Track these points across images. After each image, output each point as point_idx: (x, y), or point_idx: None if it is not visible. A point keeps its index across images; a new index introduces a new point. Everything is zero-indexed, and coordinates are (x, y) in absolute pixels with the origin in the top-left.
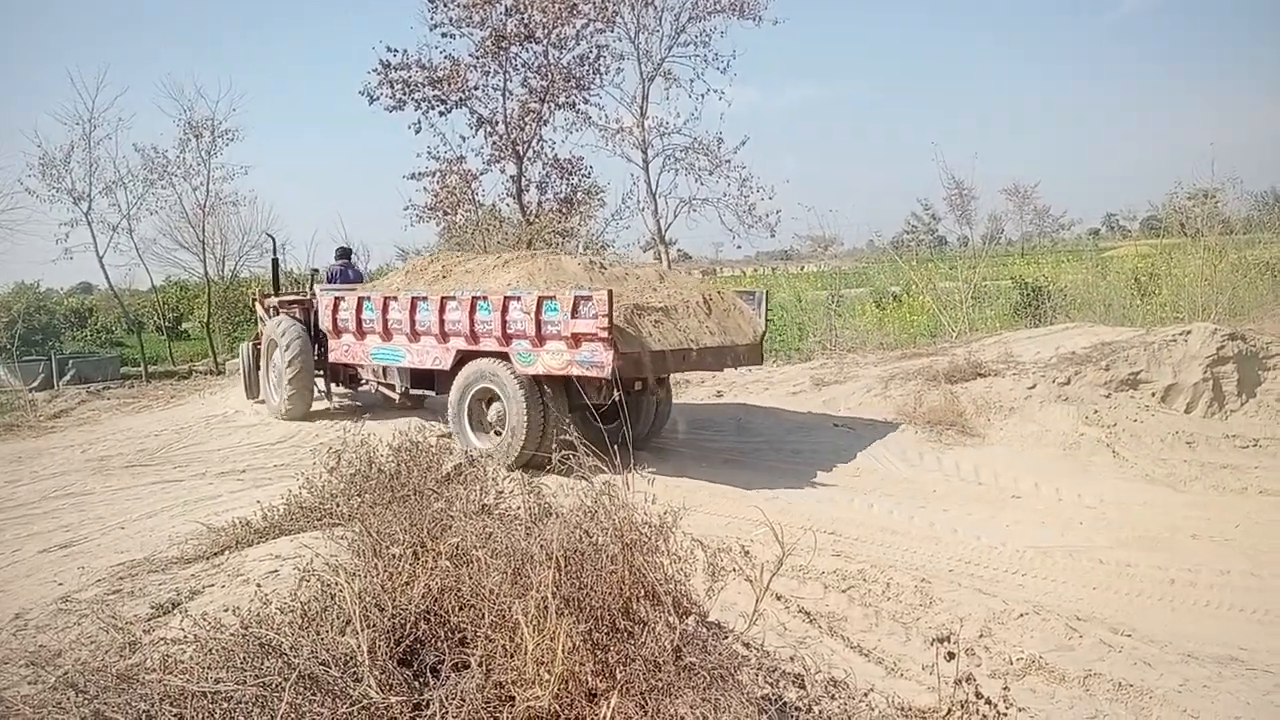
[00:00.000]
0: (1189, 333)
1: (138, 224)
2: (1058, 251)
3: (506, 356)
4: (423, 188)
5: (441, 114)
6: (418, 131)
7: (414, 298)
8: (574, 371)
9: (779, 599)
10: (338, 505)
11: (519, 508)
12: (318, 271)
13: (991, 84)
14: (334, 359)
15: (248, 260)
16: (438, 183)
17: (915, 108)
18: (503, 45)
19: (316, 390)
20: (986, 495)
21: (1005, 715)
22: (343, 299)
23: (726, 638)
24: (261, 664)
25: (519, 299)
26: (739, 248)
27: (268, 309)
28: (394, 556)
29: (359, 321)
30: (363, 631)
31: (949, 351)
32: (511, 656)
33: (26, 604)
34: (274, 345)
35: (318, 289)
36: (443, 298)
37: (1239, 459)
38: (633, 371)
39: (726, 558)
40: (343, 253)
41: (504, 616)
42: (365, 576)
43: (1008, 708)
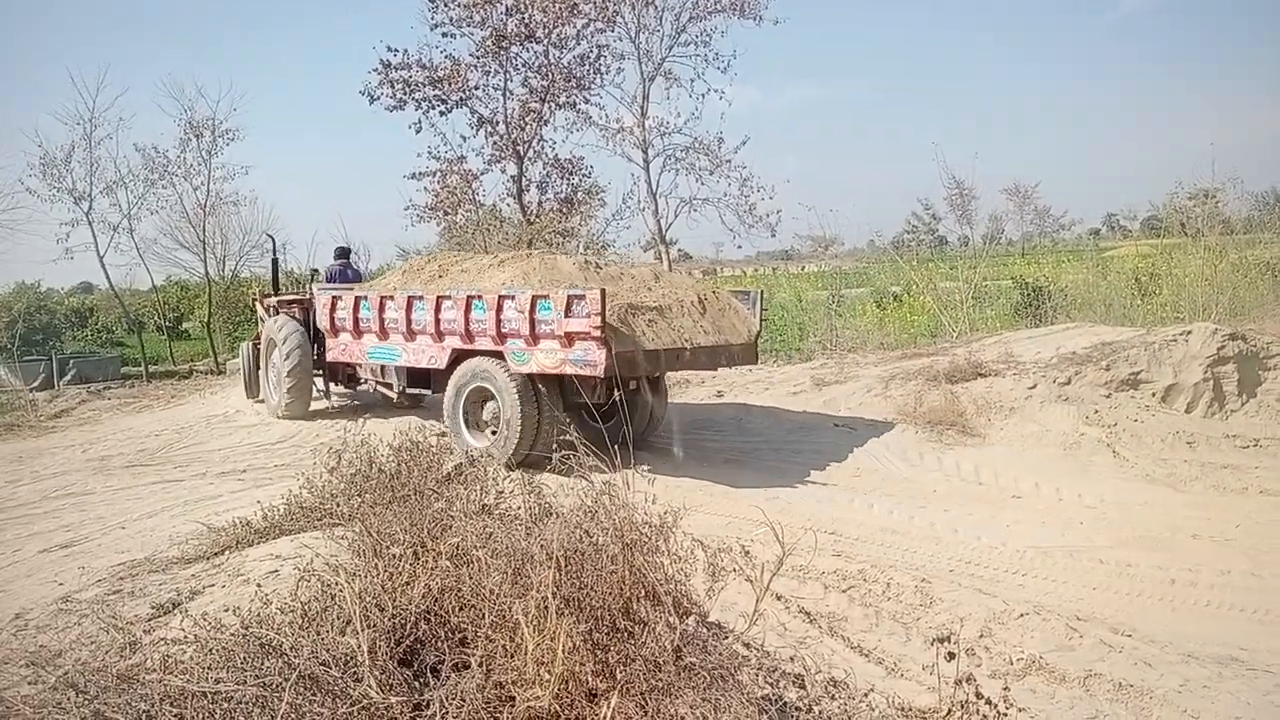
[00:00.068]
0: (1189, 333)
1: (138, 224)
2: (1058, 251)
3: (501, 355)
4: (423, 188)
5: (442, 114)
6: (418, 131)
7: (410, 297)
8: (567, 370)
9: (779, 599)
10: (338, 505)
11: (519, 508)
12: (318, 272)
13: (991, 84)
14: (331, 358)
15: (248, 260)
16: (438, 183)
17: (915, 108)
18: (503, 45)
19: (315, 389)
20: (987, 495)
21: (1005, 715)
22: (340, 298)
23: (727, 638)
24: (262, 664)
25: (513, 298)
26: (739, 248)
27: (267, 309)
28: (394, 556)
29: (356, 321)
30: (363, 631)
31: (949, 351)
32: (512, 656)
33: (27, 604)
34: (273, 345)
35: (315, 288)
36: (438, 297)
37: (1239, 459)
38: (626, 370)
39: (727, 558)
40: (342, 252)
41: (504, 616)
42: (365, 576)
43: (1008, 708)
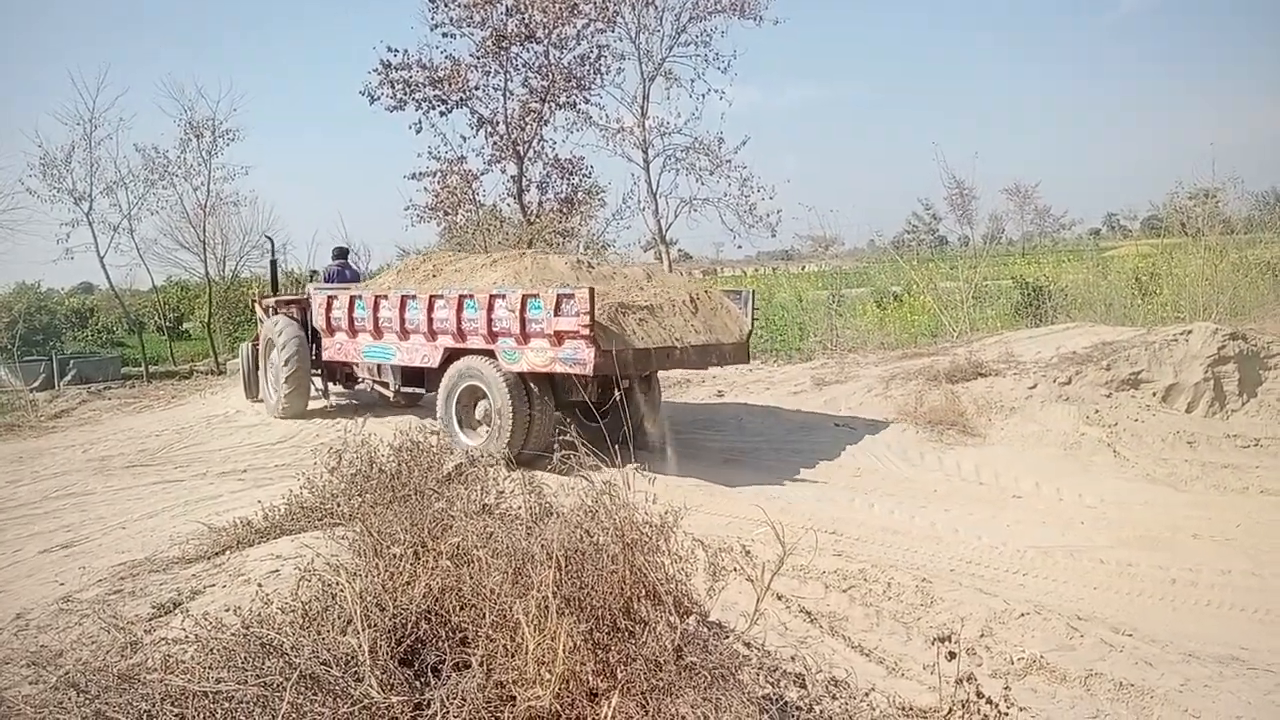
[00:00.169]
0: (1190, 332)
1: (139, 224)
2: (1058, 251)
3: (492, 354)
4: (423, 188)
5: (442, 114)
6: (418, 131)
7: (403, 296)
8: (557, 369)
9: (780, 599)
10: (339, 505)
11: (520, 507)
12: (316, 273)
13: (991, 84)
14: (327, 357)
15: (248, 260)
16: (438, 183)
17: (915, 108)
18: (503, 45)
19: (314, 389)
20: (987, 495)
21: (1006, 715)
22: (335, 298)
23: (727, 637)
24: (263, 664)
25: (504, 297)
26: (740, 248)
27: (266, 310)
28: (395, 556)
29: (351, 320)
30: (364, 631)
31: (950, 351)
32: (512, 656)
33: (28, 604)
34: (271, 345)
35: (311, 288)
36: (431, 296)
37: (1240, 458)
38: (615, 369)
39: (727, 557)
40: (340, 252)
41: (505, 616)
42: (366, 576)
43: (1009, 707)
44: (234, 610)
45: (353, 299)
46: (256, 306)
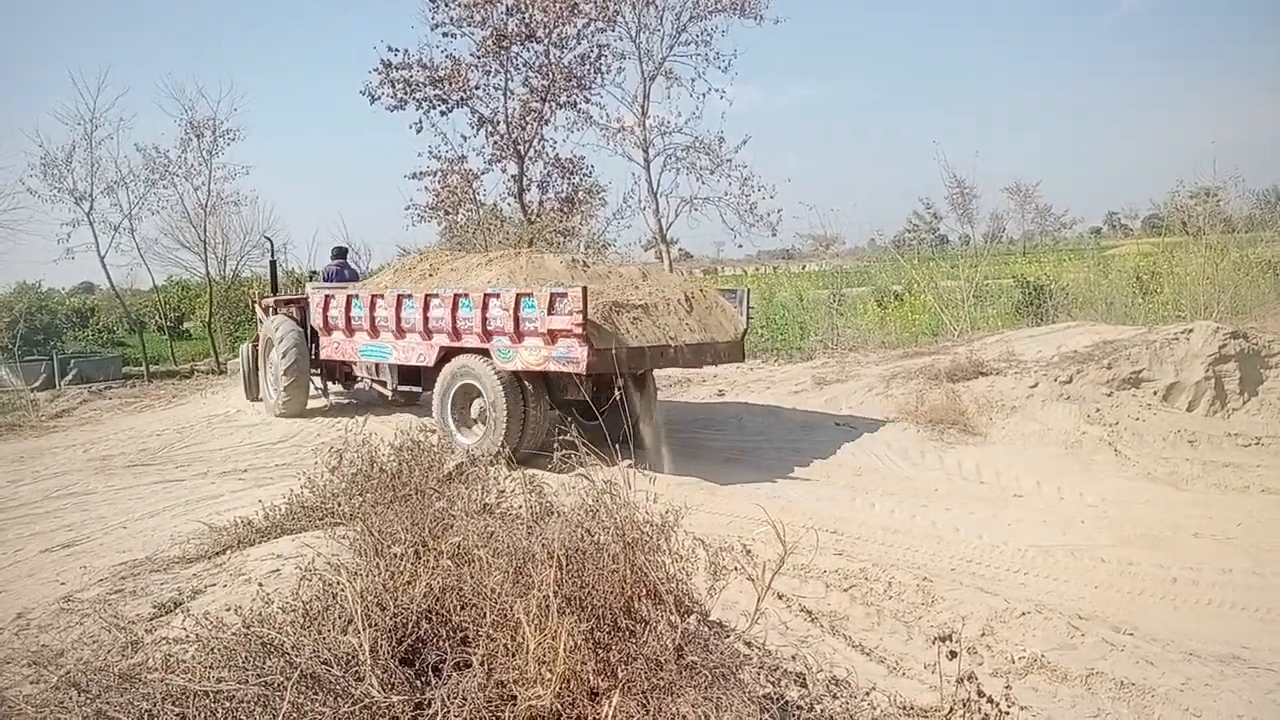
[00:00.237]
0: (1191, 331)
1: (139, 224)
2: (1059, 250)
3: (487, 353)
4: (424, 187)
5: (443, 113)
6: (419, 131)
7: (399, 295)
8: (551, 367)
9: (781, 598)
10: (339, 505)
11: (520, 507)
12: (316, 273)
13: (992, 82)
14: (325, 356)
15: (249, 260)
16: (439, 182)
17: (916, 106)
18: (504, 45)
19: (314, 387)
20: (988, 494)
21: (1007, 714)
22: (333, 297)
23: (728, 636)
24: (263, 663)
25: (498, 296)
26: (740, 247)
27: (265, 309)
28: (396, 556)
29: (348, 319)
30: (364, 631)
31: (951, 350)
32: (513, 655)
33: (29, 603)
34: (270, 344)
35: (310, 287)
36: (426, 295)
37: (1241, 457)
38: (609, 367)
39: (728, 556)
40: (339, 252)
41: (506, 615)
42: (367, 576)
43: (1010, 706)
44: (235, 610)
45: (349, 298)
46: (256, 307)
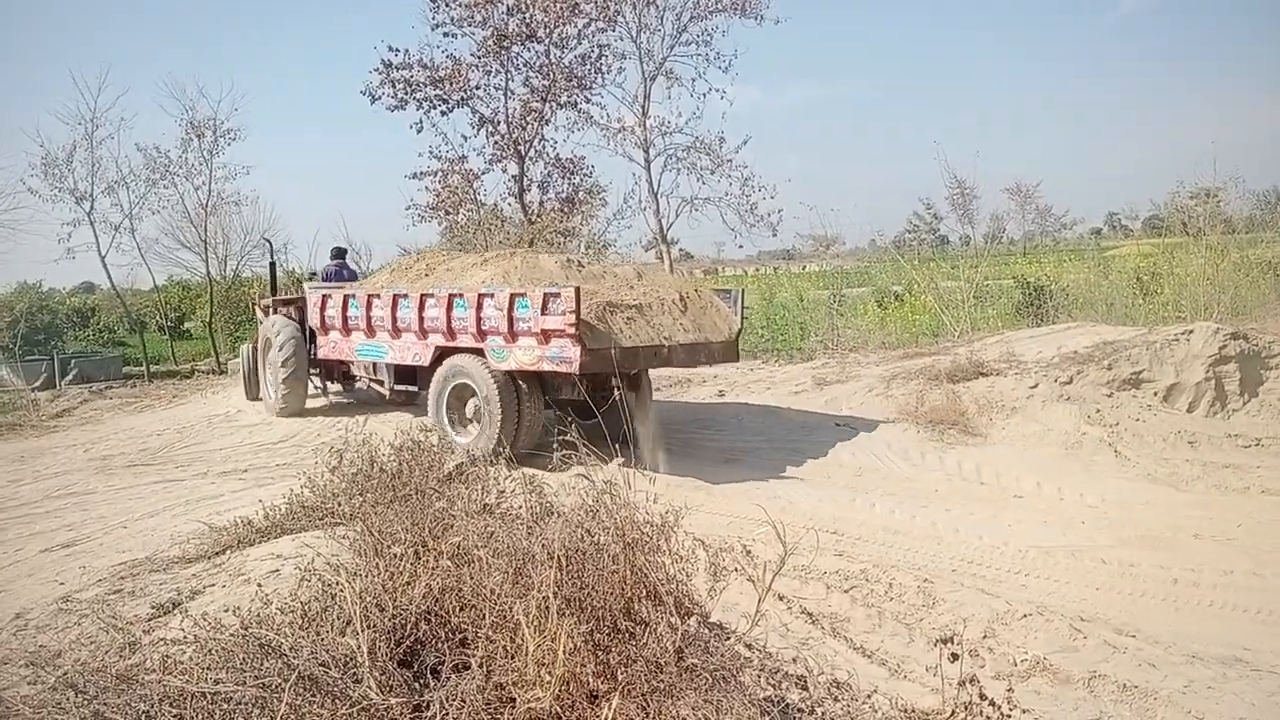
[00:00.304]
0: (1191, 332)
1: (140, 224)
2: (1060, 251)
3: (482, 352)
4: (424, 187)
5: (443, 113)
6: (419, 131)
7: (395, 295)
8: (544, 367)
9: (781, 599)
10: (339, 505)
11: (520, 507)
12: (315, 275)
13: (992, 82)
14: (322, 355)
15: (250, 260)
16: (439, 182)
17: (916, 106)
18: (504, 45)
19: (313, 386)
20: (989, 495)
21: (1009, 717)
22: (329, 297)
23: (729, 639)
24: (261, 665)
25: (492, 296)
26: (741, 247)
27: (264, 310)
28: (395, 556)
29: (345, 319)
30: (363, 632)
31: (951, 351)
32: (512, 657)
33: (28, 603)
34: (269, 344)
35: (307, 287)
36: (422, 295)
37: (1241, 458)
38: (602, 367)
39: (728, 557)
40: (338, 252)
41: (505, 617)
42: (366, 576)
43: (1012, 709)
44: (233, 610)
45: (346, 298)
46: (256, 308)
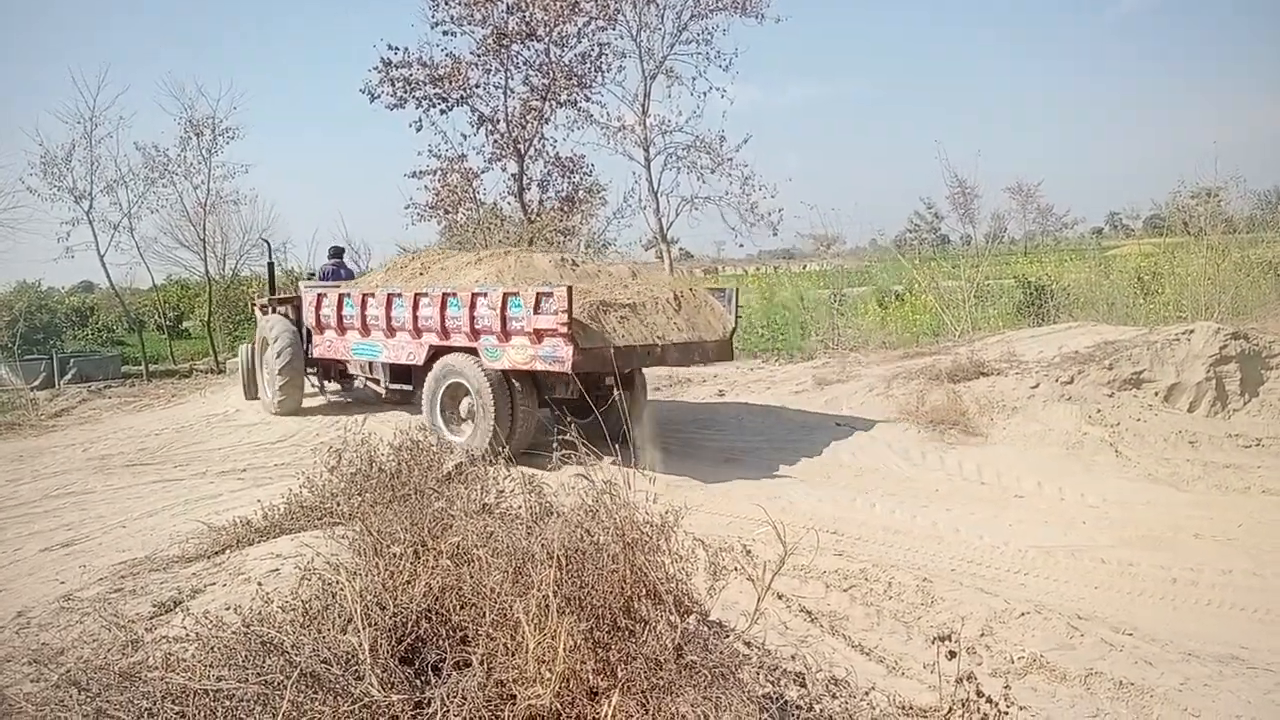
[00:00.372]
0: (1192, 332)
1: (139, 223)
2: (1061, 250)
3: (475, 352)
4: (424, 186)
5: (443, 112)
6: (419, 130)
7: (389, 294)
8: (537, 366)
9: (780, 598)
10: (339, 504)
11: (520, 507)
12: (314, 276)
13: (993, 80)
14: (317, 354)
15: (249, 259)
16: (439, 181)
17: (917, 104)
18: (504, 43)
19: (310, 384)
20: (989, 495)
21: (1006, 714)
22: (325, 295)
23: (728, 636)
24: (263, 662)
25: (485, 295)
26: (741, 246)
27: (262, 309)
28: (395, 555)
29: (339, 318)
30: (364, 630)
31: (952, 350)
32: (513, 655)
33: (29, 602)
34: (266, 343)
35: (303, 286)
36: (416, 294)
37: (1242, 458)
38: (595, 366)
39: (728, 556)
40: (335, 252)
41: (505, 615)
42: (366, 575)
43: (1009, 706)
44: (234, 609)
45: (341, 297)
46: (255, 308)
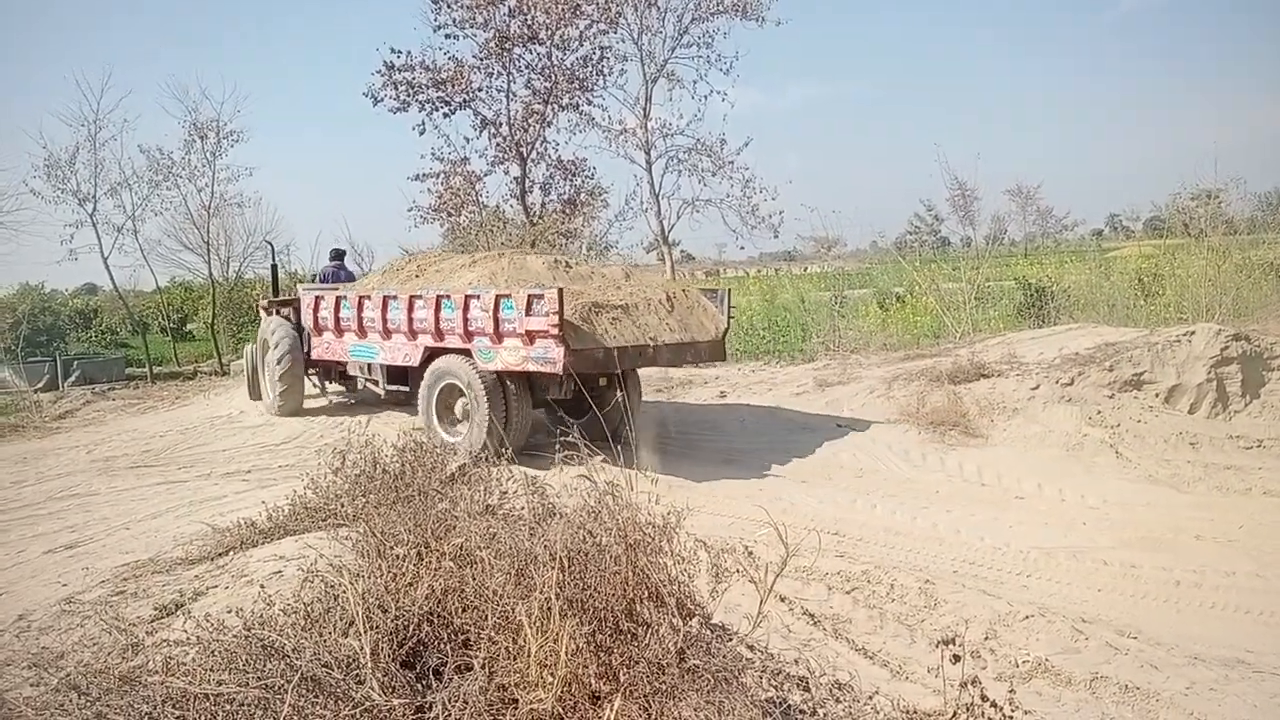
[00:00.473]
0: (1193, 333)
1: (142, 225)
2: (1061, 252)
3: (469, 353)
4: (427, 189)
5: (445, 115)
6: (422, 133)
7: (385, 296)
8: (529, 367)
9: (783, 600)
10: (342, 506)
11: (523, 508)
12: (316, 278)
13: (993, 81)
14: (316, 355)
15: (252, 261)
16: (442, 184)
17: (917, 105)
18: (506, 47)
19: (311, 385)
20: (990, 496)
21: (1011, 718)
22: (323, 298)
23: (730, 640)
24: (264, 666)
25: (478, 297)
26: (742, 248)
27: (265, 311)
28: (398, 557)
29: (337, 320)
30: (366, 633)
31: (952, 352)
32: (515, 658)
33: (30, 605)
34: (266, 345)
35: (301, 288)
36: (411, 296)
37: (1243, 460)
38: (587, 367)
39: (730, 559)
40: (336, 254)
41: (507, 618)
42: (369, 577)
43: (1014, 710)
44: (236, 612)
45: (338, 299)
46: (260, 312)
